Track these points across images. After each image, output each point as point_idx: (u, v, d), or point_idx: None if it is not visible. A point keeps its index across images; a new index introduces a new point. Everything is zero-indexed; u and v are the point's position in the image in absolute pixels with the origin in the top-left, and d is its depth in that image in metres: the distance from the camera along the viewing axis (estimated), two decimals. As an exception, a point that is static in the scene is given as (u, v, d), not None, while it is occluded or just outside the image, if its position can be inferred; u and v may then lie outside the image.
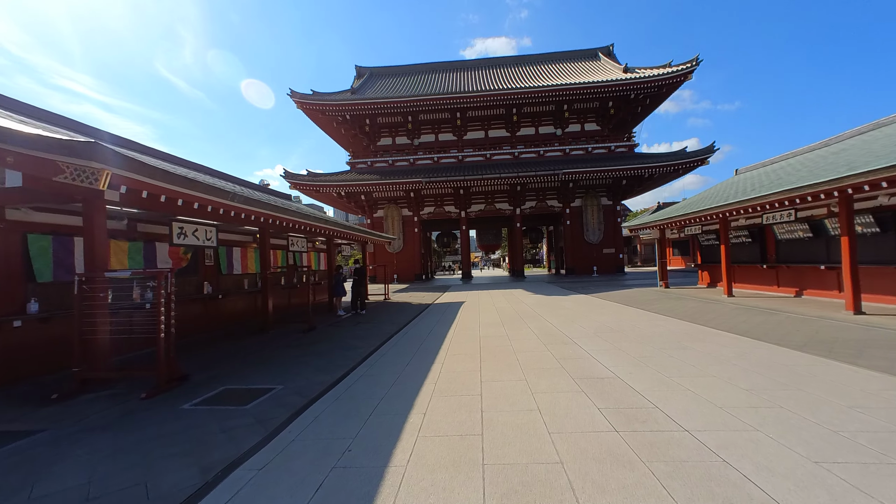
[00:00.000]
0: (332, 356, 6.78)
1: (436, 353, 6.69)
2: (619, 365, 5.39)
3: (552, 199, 31.67)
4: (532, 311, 11.45)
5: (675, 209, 15.03)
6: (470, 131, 32.60)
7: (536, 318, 10.09)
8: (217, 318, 9.44)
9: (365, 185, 28.98)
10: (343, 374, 5.64)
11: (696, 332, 7.55)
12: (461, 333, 8.42)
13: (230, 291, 9.96)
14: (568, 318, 9.86)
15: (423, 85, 32.61)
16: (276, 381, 5.38)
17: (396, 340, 8.02)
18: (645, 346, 6.42)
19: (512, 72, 34.06)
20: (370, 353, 6.88)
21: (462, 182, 28.15)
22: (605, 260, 30.93)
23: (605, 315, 10.22)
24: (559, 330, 8.28)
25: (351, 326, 10.13)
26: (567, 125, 31.94)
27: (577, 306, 12.19)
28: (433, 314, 11.93)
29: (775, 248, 12.32)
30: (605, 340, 7.03)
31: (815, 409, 3.62)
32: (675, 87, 28.33)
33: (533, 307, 12.46)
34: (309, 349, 7.41)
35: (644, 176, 28.57)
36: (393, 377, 5.34)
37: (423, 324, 10.14)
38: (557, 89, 27.81)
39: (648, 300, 12.93)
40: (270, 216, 8.40)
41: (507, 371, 5.35)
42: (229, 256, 10.27)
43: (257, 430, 3.76)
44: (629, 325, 8.52)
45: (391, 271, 31.84)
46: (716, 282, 15.87)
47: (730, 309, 10.13)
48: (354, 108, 29.24)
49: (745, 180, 13.96)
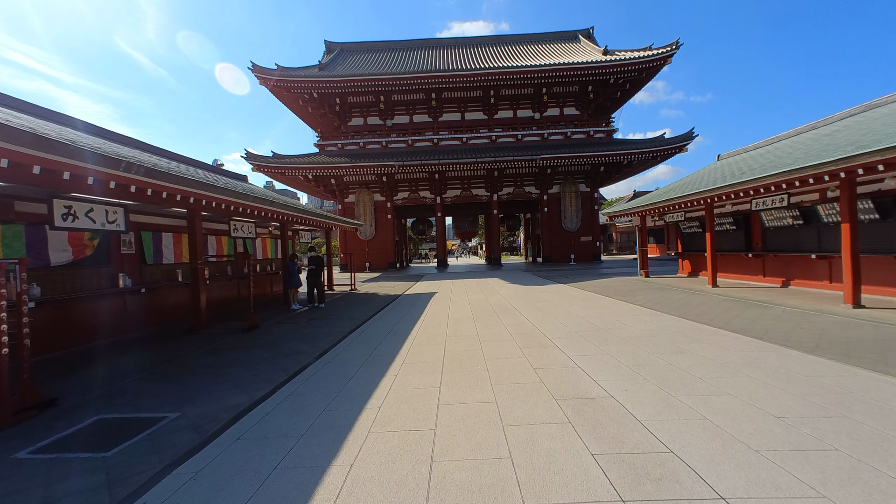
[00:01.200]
0: (262, 365, 5.53)
1: (391, 360, 5.55)
2: (611, 378, 4.39)
3: (530, 186, 30.78)
4: (507, 304, 10.45)
5: (657, 195, 14.29)
6: (446, 113, 31.14)
7: (512, 313, 9.09)
8: (138, 317, 7.98)
9: (334, 167, 27.26)
10: (266, 392, 4.43)
11: (689, 329, 6.69)
12: (426, 333, 7.29)
13: (158, 284, 8.48)
14: (547, 313, 8.89)
15: (396, 63, 30.79)
16: (174, 405, 4.12)
17: (348, 343, 6.83)
18: (637, 350, 5.46)
19: (490, 52, 32.60)
20: (311, 362, 5.67)
21: (437, 166, 26.81)
22: (583, 248, 30.43)
23: (586, 308, 9.32)
24: (537, 328, 7.28)
25: (302, 324, 8.86)
26: (546, 109, 30.93)
27: (556, 298, 11.28)
28: (399, 307, 10.78)
29: (762, 235, 11.71)
30: (590, 342, 6.05)
31: (882, 450, 2.69)
32: (655, 72, 27.66)
33: (508, 299, 11.47)
34: (238, 355, 6.13)
35: (623, 162, 27.99)
36: (327, 399, 4.17)
37: (386, 320, 8.97)
38: (536, 70, 26.66)
39: (630, 290, 12.16)
40: (197, 195, 6.98)
41: (473, 388, 4.26)
42: (157, 243, 8.75)
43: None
44: (614, 321, 7.61)
45: (363, 259, 30.41)
46: (697, 271, 15.33)
47: (718, 301, 9.41)
48: (322, 86, 27.26)
49: (730, 165, 13.29)
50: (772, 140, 14.54)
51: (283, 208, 9.73)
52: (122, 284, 7.55)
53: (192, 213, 7.83)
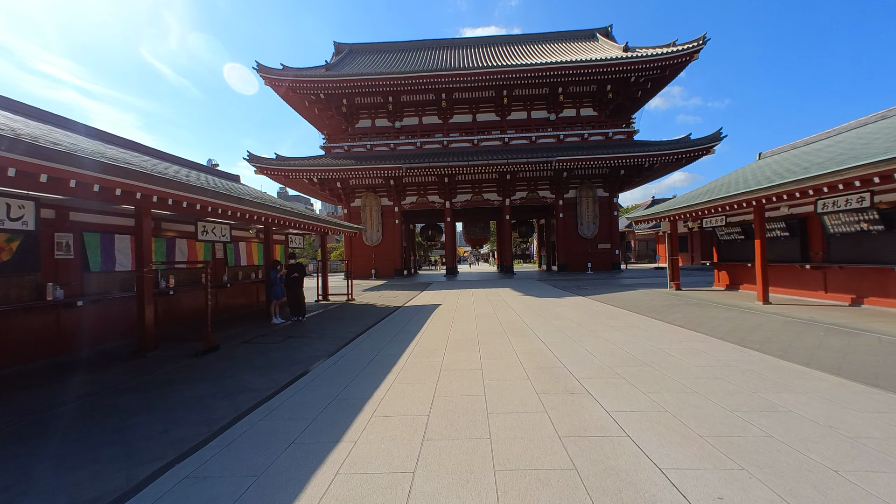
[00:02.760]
0: (186, 412, 4.08)
1: (358, 409, 4.04)
2: (687, 465, 2.79)
3: (544, 190, 29.14)
4: (520, 322, 8.86)
5: (693, 196, 12.55)
6: (456, 114, 29.84)
7: (525, 335, 7.50)
8: (73, 336, 6.64)
9: (339, 170, 26.09)
10: (160, 467, 2.96)
11: (762, 366, 5.02)
12: (416, 364, 5.77)
13: (106, 296, 7.17)
14: (568, 335, 7.27)
15: (405, 63, 29.66)
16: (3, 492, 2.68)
17: (316, 375, 5.34)
18: (706, 405, 3.84)
19: (503, 51, 31.25)
20: (253, 407, 4.20)
21: (447, 169, 25.43)
22: (600, 256, 28.57)
23: (616, 329, 7.67)
24: (558, 359, 5.69)
25: (274, 344, 7.42)
26: (561, 109, 29.36)
27: (577, 314, 9.64)
28: (394, 324, 9.28)
29: (823, 243, 9.88)
30: (633, 386, 4.44)
31: None
32: (679, 69, 25.89)
33: (521, 315, 9.87)
34: (167, 393, 4.69)
35: (645, 165, 26.19)
36: (235, 493, 2.67)
37: (374, 340, 7.47)
38: (552, 68, 25.17)
39: (663, 306, 10.44)
40: (145, 190, 5.66)
41: (465, 481, 2.72)
42: (107, 247, 7.45)
43: None
44: (655, 350, 5.97)
45: (368, 266, 29.09)
46: (737, 283, 13.48)
47: (780, 323, 7.66)
48: (329, 86, 26.25)
49: (778, 163, 11.51)
50: (821, 136, 12.72)
51: (259, 207, 8.37)
52: (52, 296, 6.24)
53: (141, 210, 6.50)
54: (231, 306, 11.43)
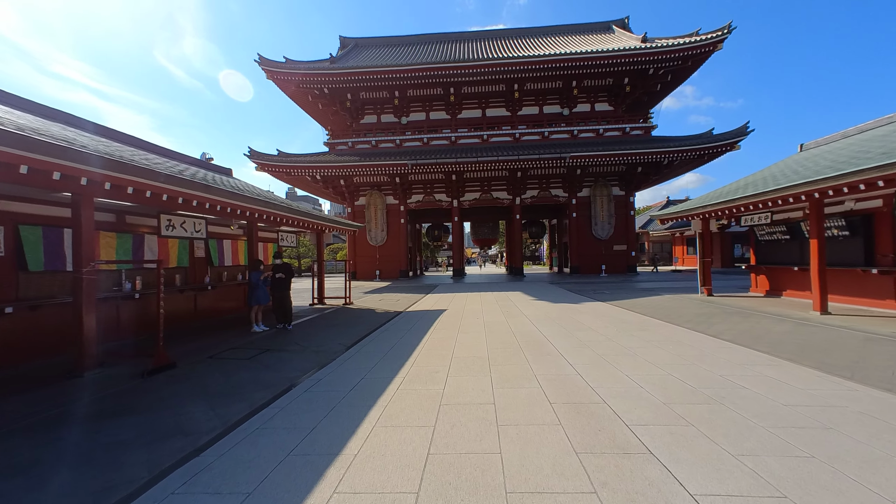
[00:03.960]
0: (77, 471, 2.87)
1: (314, 481, 2.80)
2: None
3: (557, 188, 27.76)
4: (537, 333, 7.57)
5: (731, 191, 11.13)
6: (465, 109, 28.60)
7: (545, 351, 6.21)
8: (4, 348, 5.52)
9: (343, 167, 25.02)
10: None
11: (880, 407, 3.68)
12: (408, 396, 4.51)
13: (48, 301, 6.06)
14: (598, 355, 5.97)
15: (412, 56, 28.50)
16: None
17: (273, 413, 4.11)
18: (843, 481, 2.54)
19: (514, 44, 29.90)
20: (174, 466, 2.98)
21: (455, 165, 24.18)
22: (615, 258, 27.08)
23: (654, 346, 6.35)
24: (593, 391, 4.39)
25: (242, 361, 6.22)
26: (575, 104, 27.94)
27: (603, 325, 8.32)
28: (390, 334, 8.04)
29: (894, 244, 8.44)
30: (713, 441, 3.14)
31: None
32: (702, 60, 24.31)
33: (537, 324, 8.58)
34: (70, 434, 3.50)
35: (664, 162, 24.65)
36: None
37: (361, 358, 6.24)
38: (566, 59, 23.81)
39: (699, 316, 9.07)
40: (87, 174, 4.54)
41: None
42: (54, 243, 6.34)
43: None
44: (718, 379, 4.64)
45: (373, 267, 27.97)
46: (779, 289, 12.01)
47: (858, 341, 6.27)
48: (333, 79, 25.20)
49: (831, 154, 10.07)
50: (858, 130, 11.28)
51: (234, 198, 7.21)
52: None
53: (80, 199, 5.36)
54: (214, 311, 10.29)
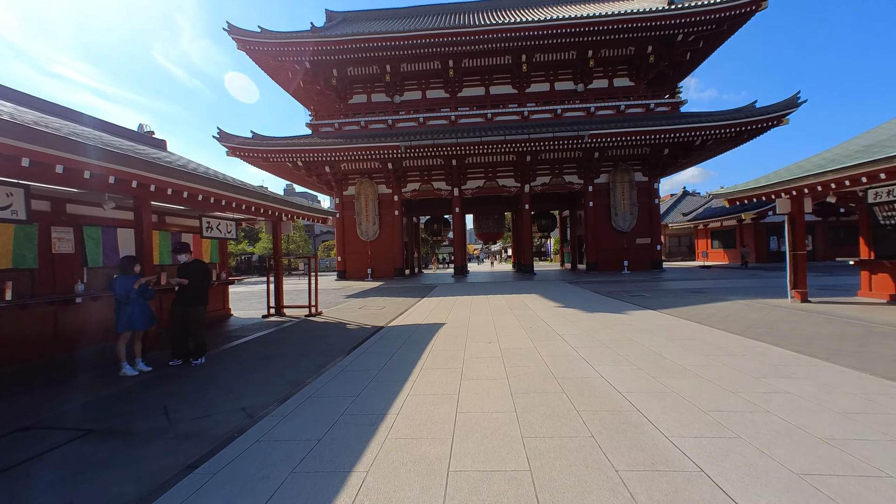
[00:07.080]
0: None
1: None
2: None
3: (570, 174, 24.61)
4: (598, 382, 4.48)
5: (849, 155, 7.98)
6: (466, 87, 25.39)
7: (632, 421, 3.11)
8: None
9: (327, 150, 21.87)
10: None
11: None
12: None
13: None
14: (756, 449, 2.88)
15: (407, 27, 25.23)
16: None
17: None
18: None
19: (521, 14, 26.59)
20: None
21: (455, 148, 21.05)
22: (638, 252, 23.97)
23: (840, 417, 3.27)
24: None
25: (23, 463, 3.16)
26: (591, 80, 24.70)
27: (694, 357, 5.21)
28: (350, 380, 4.96)
29: None
30: None
31: None
32: (742, 21, 21.01)
33: (588, 358, 5.47)
34: None
35: (696, 142, 21.46)
36: None
37: (266, 454, 3.17)
38: (582, 23, 20.60)
39: (829, 338, 5.97)
40: None
41: None
42: None
43: None
44: None
45: (364, 265, 24.86)
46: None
47: None
48: (314, 49, 21.99)
49: None
50: None
51: (115, 162, 4.10)
52: None
53: None
54: (89, 335, 6.65)
